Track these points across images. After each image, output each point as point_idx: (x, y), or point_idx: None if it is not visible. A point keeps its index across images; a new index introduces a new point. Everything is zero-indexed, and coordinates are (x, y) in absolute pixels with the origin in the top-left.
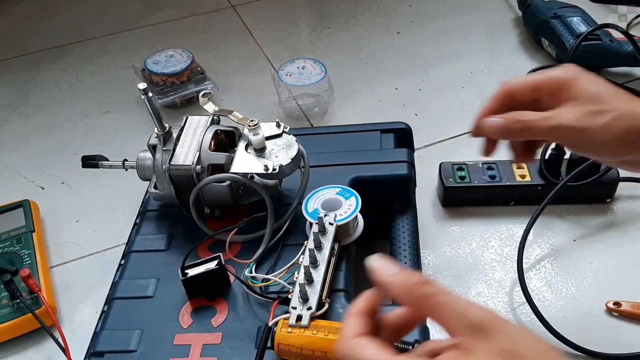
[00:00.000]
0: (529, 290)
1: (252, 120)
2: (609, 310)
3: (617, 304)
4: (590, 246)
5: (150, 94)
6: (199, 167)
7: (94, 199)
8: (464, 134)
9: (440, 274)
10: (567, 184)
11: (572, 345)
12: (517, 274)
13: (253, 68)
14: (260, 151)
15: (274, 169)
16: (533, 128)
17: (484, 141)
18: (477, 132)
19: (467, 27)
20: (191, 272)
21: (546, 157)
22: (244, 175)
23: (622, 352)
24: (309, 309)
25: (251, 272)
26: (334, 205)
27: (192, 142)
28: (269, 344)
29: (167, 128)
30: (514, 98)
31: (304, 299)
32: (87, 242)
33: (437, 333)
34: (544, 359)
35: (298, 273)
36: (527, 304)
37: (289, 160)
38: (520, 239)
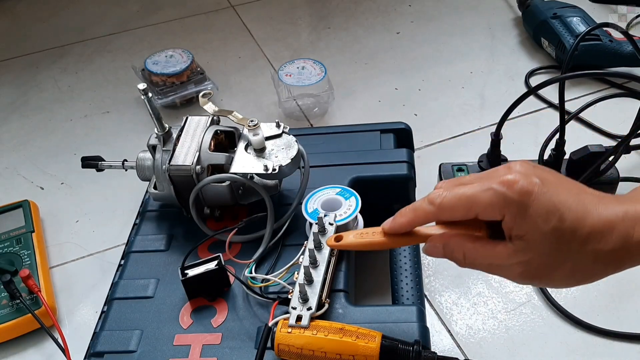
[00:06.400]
0: (530, 290)
1: (252, 121)
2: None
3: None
4: None
5: (150, 94)
6: (198, 167)
7: (93, 199)
8: (464, 134)
9: (441, 274)
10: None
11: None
12: None
13: (253, 68)
14: (260, 151)
15: (273, 169)
16: (475, 267)
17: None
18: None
19: (467, 27)
20: (191, 272)
21: (546, 157)
22: (244, 175)
23: None
24: (309, 309)
25: (251, 273)
26: (333, 206)
27: (192, 142)
28: (268, 344)
29: (167, 128)
30: (445, 216)
31: (304, 299)
32: (86, 242)
33: (437, 333)
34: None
35: (298, 273)
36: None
37: (289, 161)
38: None
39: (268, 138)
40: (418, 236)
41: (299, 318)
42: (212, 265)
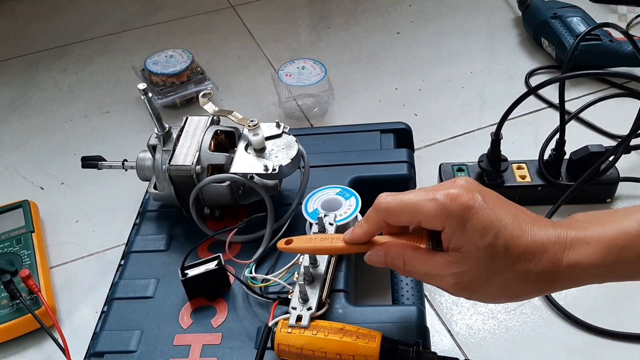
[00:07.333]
0: None
1: (252, 121)
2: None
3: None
4: None
5: (150, 94)
6: (198, 167)
7: (93, 199)
8: (464, 134)
9: None
10: (568, 184)
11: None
12: None
13: (253, 68)
14: (260, 151)
15: (273, 169)
16: (413, 274)
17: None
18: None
19: (467, 27)
20: (191, 272)
21: (546, 157)
22: (244, 175)
23: None
24: (309, 309)
25: (251, 273)
26: (334, 206)
27: (192, 142)
28: (269, 344)
29: (167, 128)
30: (391, 219)
31: (304, 299)
32: (87, 242)
33: (437, 333)
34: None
35: (298, 273)
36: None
37: (289, 161)
38: None
39: (268, 138)
40: (366, 244)
41: (299, 318)
42: (212, 265)
